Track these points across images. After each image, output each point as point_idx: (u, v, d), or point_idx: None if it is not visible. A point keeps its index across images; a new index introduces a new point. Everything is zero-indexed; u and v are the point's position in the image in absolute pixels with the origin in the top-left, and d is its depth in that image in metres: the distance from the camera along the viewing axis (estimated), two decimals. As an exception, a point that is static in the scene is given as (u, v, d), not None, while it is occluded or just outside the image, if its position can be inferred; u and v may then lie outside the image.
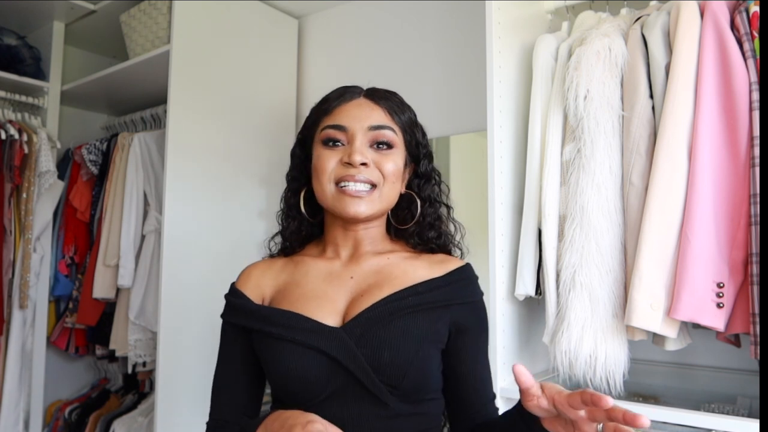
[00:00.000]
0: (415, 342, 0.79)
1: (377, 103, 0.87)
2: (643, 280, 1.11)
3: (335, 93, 0.89)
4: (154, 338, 2.01)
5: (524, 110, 1.40)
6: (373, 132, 0.84)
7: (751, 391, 1.30)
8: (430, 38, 2.02)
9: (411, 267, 0.87)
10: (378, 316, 0.80)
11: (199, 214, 1.93)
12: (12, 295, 2.05)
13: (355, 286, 0.85)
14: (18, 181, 2.06)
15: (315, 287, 0.86)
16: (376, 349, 0.78)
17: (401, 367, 0.77)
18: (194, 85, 1.92)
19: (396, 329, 0.79)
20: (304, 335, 0.79)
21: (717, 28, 1.11)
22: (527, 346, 1.39)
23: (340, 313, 0.83)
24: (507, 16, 1.37)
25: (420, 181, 0.93)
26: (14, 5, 2.15)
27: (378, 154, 0.85)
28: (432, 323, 0.82)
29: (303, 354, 0.79)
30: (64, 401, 2.40)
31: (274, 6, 2.27)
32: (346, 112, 0.85)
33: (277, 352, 0.81)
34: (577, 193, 1.21)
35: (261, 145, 2.15)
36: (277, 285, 0.89)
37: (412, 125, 0.90)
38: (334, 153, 0.84)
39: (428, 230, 0.92)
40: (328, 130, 0.85)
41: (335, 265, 0.89)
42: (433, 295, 0.83)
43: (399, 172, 0.87)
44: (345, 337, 0.78)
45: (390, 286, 0.83)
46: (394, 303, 0.81)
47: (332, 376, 0.78)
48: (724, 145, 1.10)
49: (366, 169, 0.83)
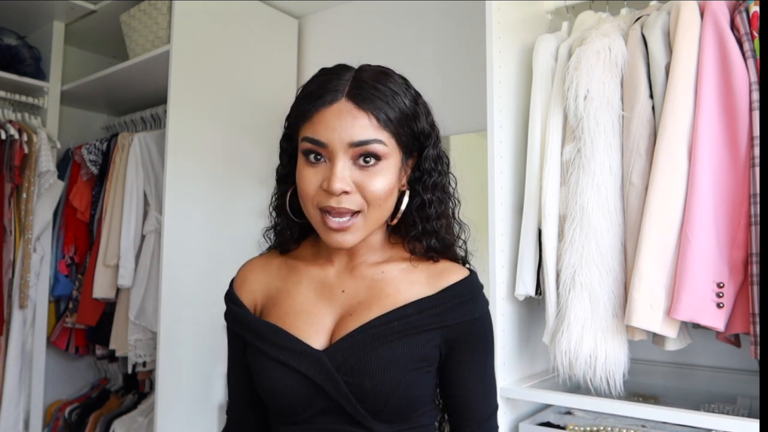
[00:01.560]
0: (397, 372, 0.76)
1: (361, 107, 0.75)
2: (643, 280, 1.11)
3: (315, 87, 0.78)
4: (154, 338, 2.01)
5: (524, 110, 1.40)
6: (356, 149, 0.74)
7: (751, 391, 1.30)
8: (430, 38, 2.02)
9: (405, 282, 0.82)
10: (361, 342, 0.77)
11: (199, 214, 1.93)
12: (12, 295, 2.05)
13: (345, 302, 0.82)
14: (18, 181, 2.06)
15: (305, 300, 0.83)
16: (358, 377, 0.75)
17: (383, 395, 0.75)
18: (194, 85, 1.92)
19: (378, 357, 0.76)
20: (288, 356, 0.78)
21: (717, 28, 1.11)
22: (527, 346, 1.39)
23: (327, 332, 0.80)
24: (507, 16, 1.37)
25: (423, 176, 0.83)
26: (14, 5, 2.15)
27: (363, 173, 0.75)
28: (419, 348, 0.78)
29: (285, 373, 0.78)
30: (64, 401, 2.40)
31: (274, 6, 2.27)
32: (325, 122, 0.75)
33: (263, 368, 0.80)
34: (577, 193, 1.21)
35: (261, 145, 2.15)
36: (269, 291, 0.88)
37: (407, 120, 0.79)
38: (316, 172, 0.76)
39: (428, 237, 0.83)
40: (306, 143, 0.76)
41: (329, 275, 0.85)
42: (422, 318, 0.78)
43: (390, 189, 0.78)
44: (326, 362, 0.76)
45: (378, 307, 0.79)
46: (378, 328, 0.77)
47: (314, 397, 0.77)
48: (724, 145, 1.10)
49: (347, 198, 0.74)
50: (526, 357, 1.39)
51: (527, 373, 1.38)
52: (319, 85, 0.78)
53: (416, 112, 0.81)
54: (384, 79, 0.78)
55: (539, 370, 1.42)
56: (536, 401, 1.28)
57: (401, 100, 0.78)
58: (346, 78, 0.78)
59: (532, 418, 1.30)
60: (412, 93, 0.82)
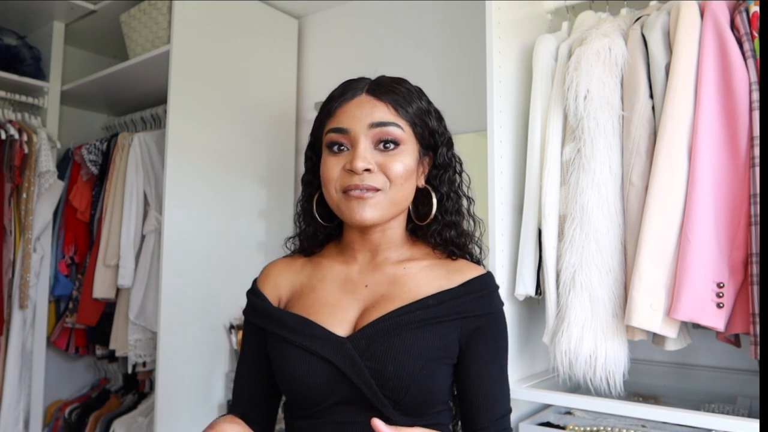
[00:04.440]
0: (419, 358, 0.78)
1: (380, 99, 0.82)
2: (643, 280, 1.11)
3: (338, 90, 0.86)
4: (154, 338, 2.01)
5: (524, 110, 1.40)
6: (376, 130, 0.81)
7: (751, 391, 1.30)
8: (430, 38, 2.02)
9: (426, 278, 0.85)
10: (384, 330, 0.79)
11: (199, 214, 1.93)
12: (12, 295, 2.05)
13: (369, 295, 0.85)
14: (18, 181, 2.06)
15: (329, 294, 0.86)
16: (381, 362, 0.77)
17: (404, 381, 0.77)
18: (194, 85, 1.92)
19: (401, 344, 0.78)
20: (311, 342, 0.80)
21: (717, 28, 1.11)
22: (527, 346, 1.39)
23: (351, 322, 0.83)
24: (507, 16, 1.37)
25: (438, 173, 0.89)
26: (14, 5, 2.16)
27: (384, 156, 0.81)
28: (440, 338, 0.81)
29: (309, 360, 0.79)
30: (64, 401, 2.40)
31: (274, 6, 2.27)
32: (347, 112, 0.82)
33: (284, 356, 0.82)
34: (577, 193, 1.21)
35: (261, 145, 2.15)
36: (293, 286, 0.90)
37: (422, 115, 0.85)
38: (338, 159, 0.82)
39: (448, 229, 0.88)
40: (330, 134, 0.83)
41: (352, 271, 0.88)
42: (443, 309, 0.81)
43: (409, 172, 0.83)
44: (350, 347, 0.78)
45: (401, 299, 0.82)
46: (401, 317, 0.80)
47: (336, 385, 0.78)
48: (724, 145, 1.10)
49: (370, 176, 0.80)
50: (526, 357, 1.39)
51: (527, 373, 1.38)
52: (341, 89, 0.86)
53: (430, 111, 0.88)
54: (400, 82, 0.86)
55: (539, 370, 1.42)
56: (536, 401, 1.28)
57: (416, 99, 0.85)
58: (366, 81, 0.86)
59: (532, 418, 1.30)
60: (427, 98, 0.89)
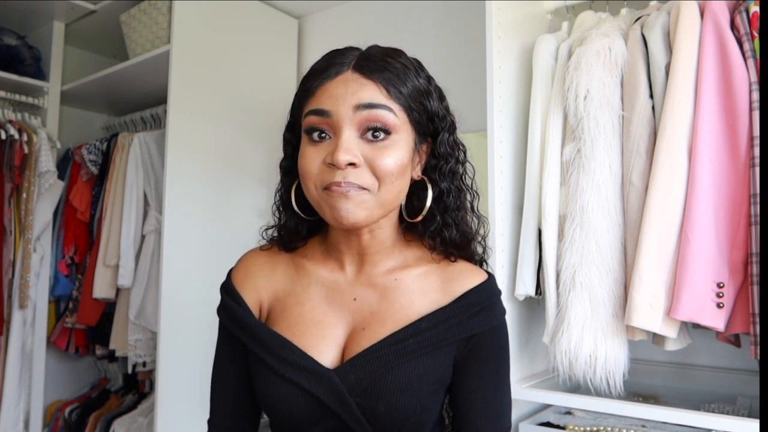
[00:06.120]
0: (414, 396, 0.71)
1: (369, 77, 0.69)
2: (643, 280, 1.11)
3: (320, 63, 0.72)
4: (154, 338, 2.01)
5: (524, 110, 1.40)
6: (363, 113, 0.67)
7: (751, 391, 1.30)
8: (429, 38, 2.02)
9: (420, 292, 0.76)
10: (375, 363, 0.71)
11: (199, 214, 1.93)
12: (12, 295, 2.05)
13: (357, 311, 0.77)
14: (18, 181, 2.06)
15: (316, 307, 0.78)
16: (371, 401, 0.71)
17: (397, 420, 0.71)
18: (194, 85, 1.92)
19: (393, 382, 0.71)
20: (298, 374, 0.72)
21: (717, 28, 1.11)
22: (527, 346, 1.39)
23: (339, 345, 0.75)
24: (507, 16, 1.36)
25: (438, 163, 0.77)
26: (14, 5, 2.16)
27: (372, 148, 0.68)
28: (435, 367, 0.74)
29: (294, 393, 0.72)
30: (64, 401, 2.40)
31: (274, 6, 2.27)
32: (329, 91, 0.69)
33: (268, 384, 0.74)
34: (577, 193, 1.21)
35: (261, 145, 2.15)
36: (275, 291, 0.81)
37: (420, 96, 0.72)
38: (319, 151, 0.69)
39: (448, 228, 0.77)
40: (310, 117, 0.70)
41: (339, 280, 0.79)
42: (438, 333, 0.73)
43: (402, 168, 0.70)
44: (338, 383, 0.71)
45: (392, 321, 0.74)
46: (393, 347, 0.72)
47: (322, 417, 0.72)
48: (724, 145, 1.10)
49: (354, 171, 0.67)
50: (526, 357, 1.39)
51: (527, 373, 1.38)
52: (324, 61, 0.72)
53: (429, 90, 0.74)
54: (394, 54, 0.73)
55: (539, 370, 1.42)
56: (536, 401, 1.28)
57: (413, 76, 0.72)
58: (353, 54, 0.72)
59: (532, 418, 1.30)
60: (426, 74, 0.76)
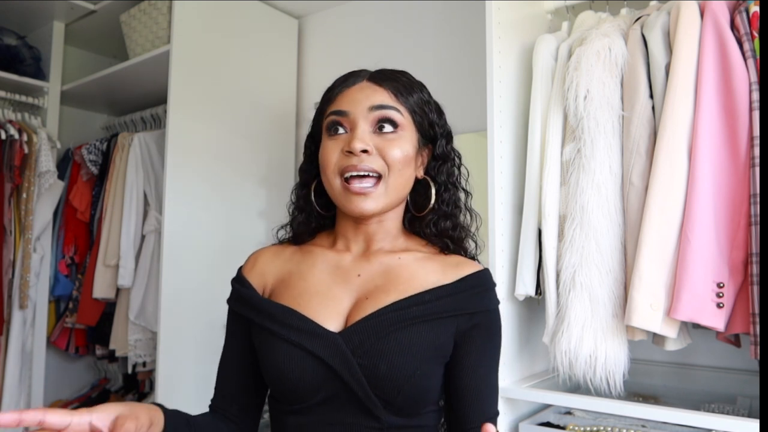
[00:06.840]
0: (414, 358, 0.76)
1: (381, 85, 0.83)
2: (643, 280, 1.11)
3: (340, 79, 0.87)
4: (154, 338, 2.01)
5: (524, 110, 1.40)
6: (375, 113, 0.81)
7: (751, 391, 1.30)
8: (429, 38, 2.02)
9: (422, 270, 0.83)
10: (378, 326, 0.76)
11: (199, 214, 1.93)
12: (12, 295, 2.05)
13: (362, 285, 0.82)
14: (18, 181, 2.06)
15: (320, 282, 0.83)
16: (373, 361, 0.75)
17: (397, 382, 0.75)
18: (194, 85, 1.92)
19: (395, 342, 0.76)
20: (301, 337, 0.77)
21: (717, 28, 1.11)
22: (527, 346, 1.39)
23: (343, 314, 0.80)
24: (507, 16, 1.36)
25: (437, 164, 0.89)
26: (14, 5, 2.16)
27: (382, 140, 0.80)
28: (436, 336, 0.78)
29: (296, 355, 0.76)
30: (64, 401, 2.39)
31: (274, 6, 2.27)
32: (348, 96, 0.83)
33: (272, 350, 0.78)
34: (577, 193, 1.21)
35: (261, 145, 2.15)
36: (281, 274, 0.87)
37: (422, 105, 0.86)
38: (337, 142, 0.81)
39: (444, 219, 0.87)
40: (330, 117, 0.83)
41: (345, 259, 0.86)
42: (440, 305, 0.79)
43: (408, 158, 0.82)
44: (342, 344, 0.75)
45: (396, 292, 0.80)
46: (396, 312, 0.77)
47: (325, 382, 0.76)
48: (724, 145, 1.10)
49: (368, 157, 0.79)
50: (526, 357, 1.39)
51: (527, 373, 1.38)
52: (343, 77, 0.87)
53: (432, 103, 0.89)
54: (402, 73, 0.87)
55: (539, 370, 1.42)
56: (536, 401, 1.28)
57: (417, 90, 0.86)
58: (368, 71, 0.87)
59: (532, 418, 1.30)
60: (428, 91, 0.89)
